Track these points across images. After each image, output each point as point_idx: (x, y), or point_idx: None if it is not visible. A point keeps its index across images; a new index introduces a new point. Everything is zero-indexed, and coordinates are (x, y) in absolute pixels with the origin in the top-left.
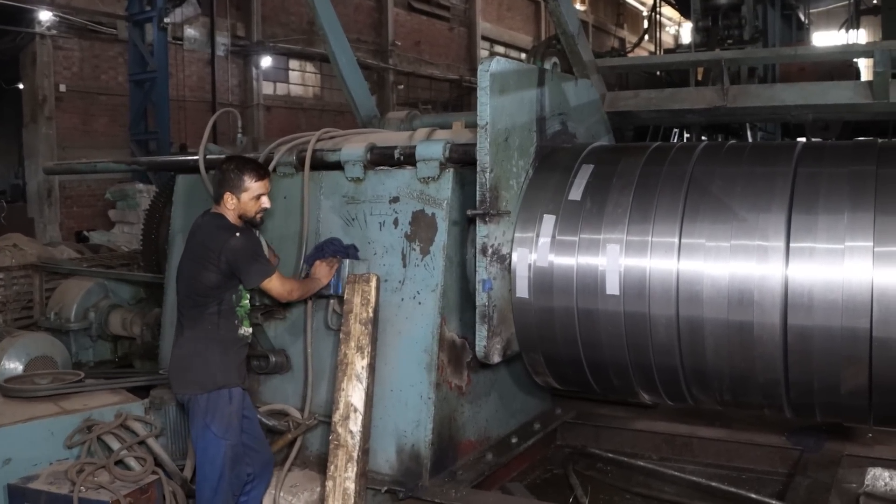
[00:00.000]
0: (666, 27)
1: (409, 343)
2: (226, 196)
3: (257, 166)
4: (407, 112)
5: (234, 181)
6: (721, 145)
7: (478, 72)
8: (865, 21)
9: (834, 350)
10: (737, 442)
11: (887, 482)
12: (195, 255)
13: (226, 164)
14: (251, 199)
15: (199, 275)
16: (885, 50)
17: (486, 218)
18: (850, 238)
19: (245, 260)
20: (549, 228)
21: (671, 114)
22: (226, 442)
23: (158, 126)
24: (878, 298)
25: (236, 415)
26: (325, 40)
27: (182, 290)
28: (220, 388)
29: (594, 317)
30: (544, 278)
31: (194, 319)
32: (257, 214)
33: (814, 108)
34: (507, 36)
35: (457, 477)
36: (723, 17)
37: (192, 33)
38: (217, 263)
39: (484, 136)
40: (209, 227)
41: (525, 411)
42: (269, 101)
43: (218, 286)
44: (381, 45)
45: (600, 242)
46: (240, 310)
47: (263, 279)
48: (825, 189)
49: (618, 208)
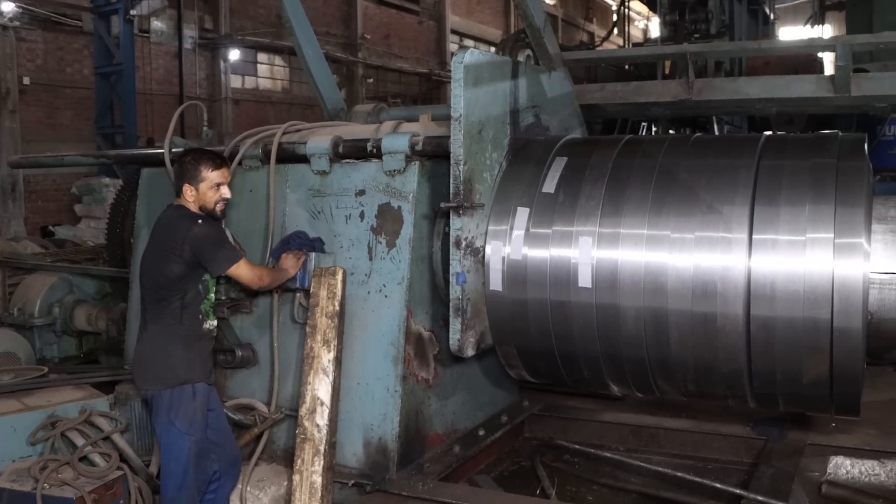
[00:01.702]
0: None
1: (376, 336)
2: (185, 188)
3: (214, 156)
4: (374, 105)
5: (192, 172)
6: (687, 138)
7: (452, 63)
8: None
9: (796, 340)
10: (702, 432)
11: (849, 470)
12: (158, 247)
13: (183, 156)
14: (210, 189)
15: (163, 267)
16: (846, 44)
17: (459, 211)
18: (812, 230)
19: (210, 247)
20: (523, 221)
21: (637, 107)
22: (190, 437)
23: (125, 120)
24: (838, 289)
25: (200, 410)
26: (292, 33)
27: (146, 284)
28: (182, 383)
29: (567, 309)
30: (518, 271)
31: (158, 314)
32: (217, 205)
33: (777, 101)
34: (477, 29)
35: (424, 470)
36: (690, 11)
37: (159, 26)
38: (181, 254)
39: (458, 129)
40: (171, 219)
41: (493, 404)
42: (238, 94)
43: (182, 278)
44: (350, 39)
45: (573, 235)
46: (205, 303)
47: (231, 265)
48: (787, 181)
49: (590, 201)
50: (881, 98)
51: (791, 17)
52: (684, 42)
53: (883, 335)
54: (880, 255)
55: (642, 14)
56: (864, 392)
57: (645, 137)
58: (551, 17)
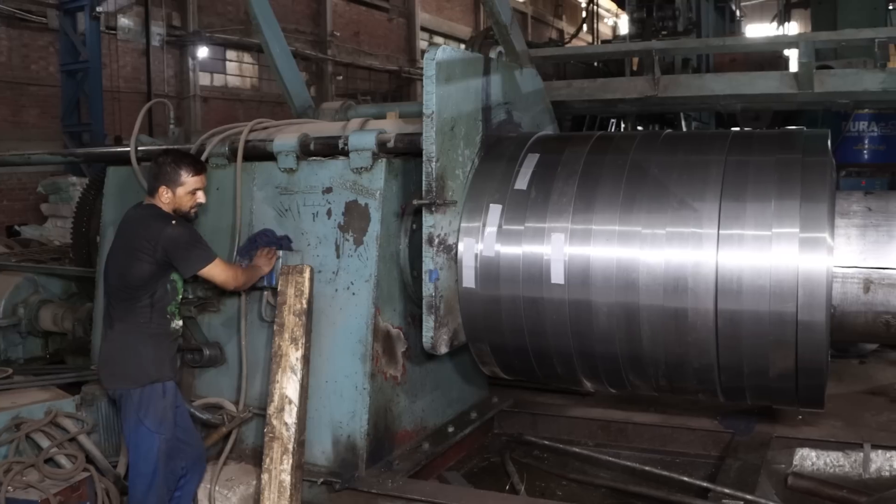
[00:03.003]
0: (604, 18)
1: (344, 334)
2: (161, 189)
3: (194, 161)
4: (342, 102)
5: (171, 175)
6: (658, 135)
7: (424, 60)
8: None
9: (762, 334)
10: (670, 427)
11: (814, 462)
12: (128, 246)
13: (162, 157)
14: (187, 194)
15: (132, 266)
16: (808, 42)
17: (432, 208)
18: (778, 224)
19: (184, 247)
20: (496, 218)
21: (603, 103)
22: (160, 436)
23: (92, 118)
24: (803, 283)
25: (170, 409)
26: (259, 30)
27: (113, 283)
28: (153, 382)
29: (539, 306)
30: (491, 268)
31: (125, 312)
32: (192, 209)
33: (742, 97)
34: (447, 27)
35: (393, 467)
36: (657, 8)
37: (126, 23)
38: (152, 253)
39: (430, 125)
40: (143, 218)
41: (462, 400)
42: (206, 92)
43: (151, 277)
44: (319, 36)
45: (545, 231)
46: (172, 304)
47: (205, 265)
48: (753, 177)
49: (562, 197)
50: (843, 94)
51: (758, 14)
52: (652, 39)
53: (845, 328)
54: (843, 249)
55: (611, 11)
56: (829, 385)
57: (616, 134)
58: (521, 14)
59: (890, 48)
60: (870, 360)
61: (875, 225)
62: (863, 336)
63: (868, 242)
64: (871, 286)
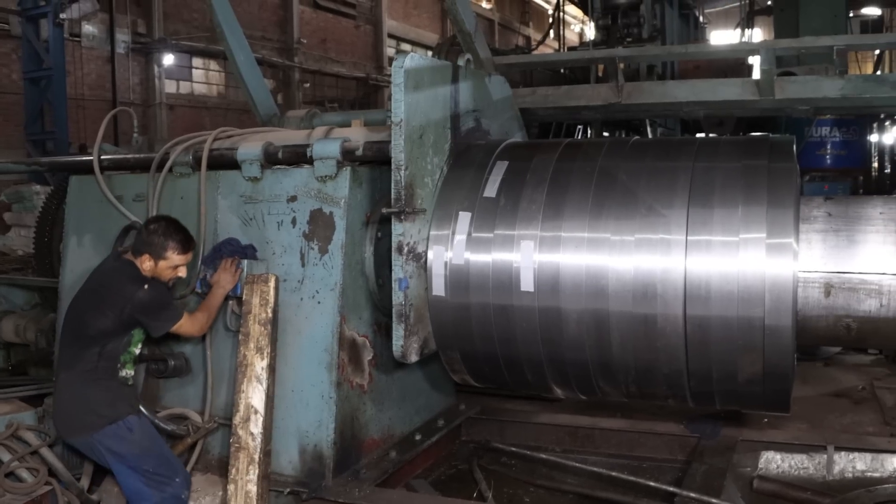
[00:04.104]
0: (571, 25)
1: (310, 343)
2: (144, 257)
3: (184, 239)
4: (307, 110)
5: (157, 248)
6: (626, 141)
7: (392, 68)
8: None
9: (731, 339)
10: (637, 432)
11: (779, 464)
12: (96, 297)
13: (154, 224)
14: (169, 269)
15: (96, 318)
16: (769, 49)
17: (401, 216)
18: (745, 230)
19: (154, 311)
20: (465, 226)
21: (568, 110)
22: (144, 469)
23: (56, 126)
24: (769, 288)
25: (144, 439)
26: (223, 37)
27: (69, 327)
28: (112, 422)
29: (509, 313)
30: (460, 276)
31: (72, 358)
32: (170, 281)
33: (704, 104)
34: (414, 34)
35: (360, 476)
36: (622, 15)
37: (91, 30)
38: (119, 313)
39: (398, 133)
40: (118, 275)
41: (429, 408)
42: (173, 99)
43: (110, 333)
44: (286, 43)
45: (515, 239)
46: (125, 355)
47: (172, 325)
48: (720, 183)
49: (532, 204)
50: (804, 101)
51: (723, 21)
52: (617, 46)
53: (808, 332)
54: (804, 253)
55: (578, 18)
56: (795, 387)
57: (584, 141)
58: (488, 21)
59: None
60: (834, 363)
61: (835, 230)
62: (824, 339)
63: (829, 247)
64: (832, 290)
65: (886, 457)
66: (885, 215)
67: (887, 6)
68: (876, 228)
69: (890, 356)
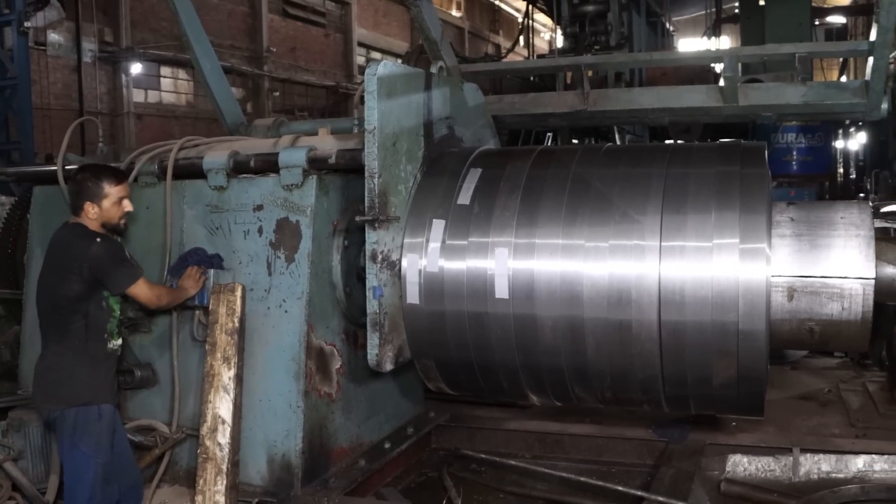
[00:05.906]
0: (540, 33)
1: (277, 352)
2: (86, 206)
3: (113, 171)
4: (274, 119)
5: (93, 189)
6: (599, 148)
7: (365, 75)
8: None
9: (705, 344)
10: (606, 437)
11: (746, 467)
12: (56, 266)
13: (80, 174)
14: (113, 205)
15: (62, 286)
16: (733, 56)
17: (375, 224)
18: (718, 235)
19: (109, 265)
20: (439, 233)
21: (534, 118)
22: (96, 461)
23: (21, 136)
24: (743, 293)
25: (106, 432)
26: (189, 46)
27: (44, 304)
28: (87, 404)
29: (484, 321)
30: (435, 284)
31: (60, 334)
32: (121, 220)
33: (670, 111)
34: (384, 42)
35: (329, 485)
36: (590, 23)
37: (56, 38)
38: (80, 273)
39: (372, 141)
40: (69, 237)
41: (398, 416)
42: (141, 108)
43: (81, 297)
44: (255, 52)
45: (489, 246)
46: (111, 323)
47: (130, 284)
48: (694, 189)
49: (505, 211)
50: (767, 108)
51: (691, 28)
52: (584, 53)
53: (773, 336)
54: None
55: (547, 26)
56: None
57: (558, 148)
58: (458, 29)
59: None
60: (800, 367)
61: (797, 234)
62: (789, 343)
63: (791, 252)
64: (795, 294)
65: (850, 458)
66: (847, 220)
67: (851, 15)
68: (838, 233)
69: (856, 359)
